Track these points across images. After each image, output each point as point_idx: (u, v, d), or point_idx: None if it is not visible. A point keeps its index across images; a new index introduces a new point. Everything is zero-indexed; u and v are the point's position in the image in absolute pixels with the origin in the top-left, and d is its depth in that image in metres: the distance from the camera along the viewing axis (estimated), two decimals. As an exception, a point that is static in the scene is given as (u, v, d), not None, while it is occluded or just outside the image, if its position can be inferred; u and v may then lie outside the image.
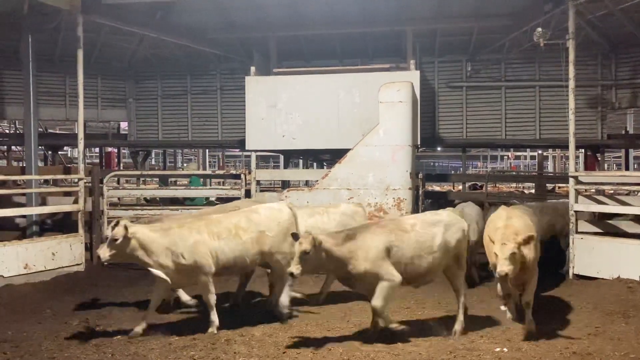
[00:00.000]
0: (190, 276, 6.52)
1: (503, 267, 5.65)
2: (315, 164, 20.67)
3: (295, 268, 5.68)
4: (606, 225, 9.98)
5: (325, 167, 18.31)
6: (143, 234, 6.31)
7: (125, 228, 6.15)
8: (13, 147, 19.69)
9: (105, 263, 6.35)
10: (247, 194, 11.21)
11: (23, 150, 15.06)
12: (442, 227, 6.38)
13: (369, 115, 10.51)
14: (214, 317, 6.52)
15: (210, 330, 6.44)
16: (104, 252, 6.13)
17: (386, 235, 6.06)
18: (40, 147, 15.80)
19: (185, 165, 20.82)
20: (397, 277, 5.96)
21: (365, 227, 6.37)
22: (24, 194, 11.51)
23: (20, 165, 17.56)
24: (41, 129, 18.03)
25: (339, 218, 8.18)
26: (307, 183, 17.00)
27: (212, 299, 6.56)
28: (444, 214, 6.72)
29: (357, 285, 6.12)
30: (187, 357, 5.72)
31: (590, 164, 15.91)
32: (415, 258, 6.15)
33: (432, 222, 6.45)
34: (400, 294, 7.35)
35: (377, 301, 5.92)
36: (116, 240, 6.13)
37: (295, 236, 5.94)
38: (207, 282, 6.53)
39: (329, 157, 16.90)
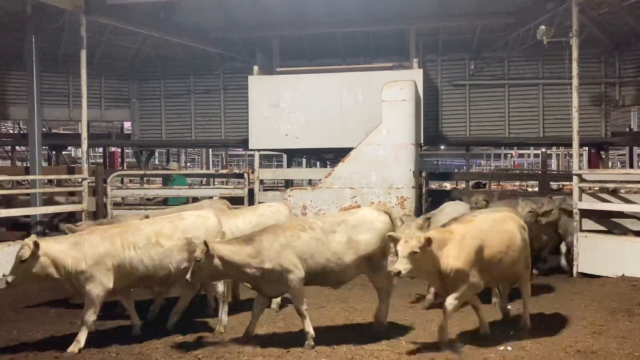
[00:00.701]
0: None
1: (397, 264, 5.35)
2: (318, 163, 20.69)
3: (189, 276, 5.68)
4: (610, 223, 9.95)
5: (328, 166, 18.31)
6: (52, 249, 5.86)
7: (36, 245, 5.71)
8: (17, 147, 19.76)
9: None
10: (251, 193, 11.22)
11: (27, 150, 15.14)
12: (345, 227, 6.18)
13: (372, 114, 10.50)
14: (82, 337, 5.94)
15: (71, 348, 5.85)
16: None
17: (281, 235, 5.96)
18: (44, 147, 15.83)
19: (167, 164, 20.76)
20: (299, 272, 5.91)
21: (265, 229, 6.20)
22: (28, 194, 11.55)
23: (24, 165, 17.64)
24: (45, 129, 18.07)
25: (255, 220, 7.58)
26: (310, 182, 16.99)
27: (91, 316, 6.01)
28: (360, 213, 6.52)
29: (264, 287, 6.00)
30: (191, 356, 5.74)
31: (594, 162, 15.88)
32: (316, 257, 5.98)
33: (337, 222, 6.26)
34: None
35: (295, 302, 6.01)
36: (24, 261, 5.69)
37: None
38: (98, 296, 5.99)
39: (332, 156, 16.92)
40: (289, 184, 16.12)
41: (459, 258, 5.60)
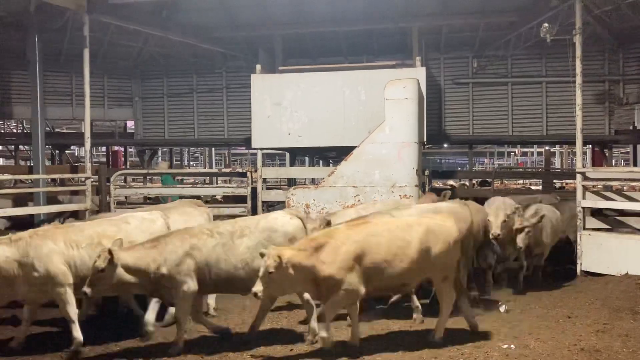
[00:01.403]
0: (44, 289, 5.87)
1: (255, 286, 5.18)
2: (321, 162, 20.66)
3: (86, 289, 5.42)
4: (614, 222, 9.92)
5: (331, 164, 18.29)
6: None
7: None
8: (20, 147, 19.80)
9: None
10: (254, 192, 11.22)
11: (30, 149, 15.15)
12: (255, 231, 5.99)
13: (374, 112, 10.47)
14: (76, 332, 5.84)
15: (73, 348, 5.80)
16: None
17: (188, 241, 5.77)
18: (47, 146, 15.86)
19: (157, 164, 20.76)
20: (192, 284, 5.70)
21: (172, 232, 6.06)
22: (31, 193, 11.58)
23: (28, 164, 17.67)
24: (48, 128, 18.11)
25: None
26: (313, 181, 16.98)
27: (72, 311, 5.88)
28: (271, 216, 6.36)
29: (165, 294, 5.81)
30: (194, 354, 5.75)
31: (598, 160, 15.83)
32: (221, 263, 5.80)
33: (247, 226, 6.08)
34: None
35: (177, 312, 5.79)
36: None
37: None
38: (63, 293, 5.86)
39: (335, 155, 16.89)
40: (291, 182, 16.12)
41: (333, 264, 5.33)
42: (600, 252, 9.20)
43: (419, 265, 5.67)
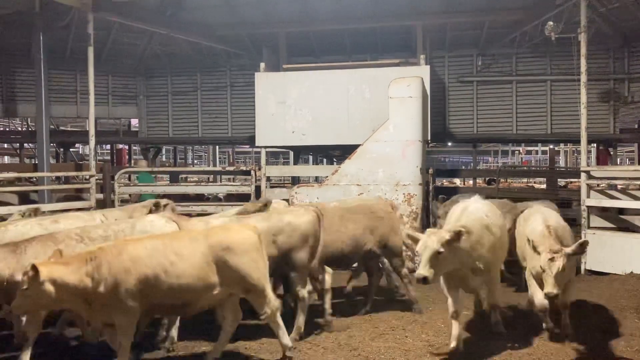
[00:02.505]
0: None
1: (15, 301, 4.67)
2: (325, 160, 20.67)
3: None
4: (618, 221, 9.89)
5: (335, 163, 18.30)
6: None
7: None
8: (25, 145, 19.87)
9: None
10: (257, 190, 11.22)
11: (35, 147, 15.20)
12: (130, 235, 5.56)
13: (378, 110, 10.47)
14: None
15: None
16: None
17: (51, 248, 5.09)
18: (51, 144, 15.92)
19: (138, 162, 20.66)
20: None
21: (35, 238, 5.44)
22: (36, 191, 11.62)
23: (33, 162, 17.74)
24: (53, 127, 18.16)
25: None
26: (317, 179, 16.98)
27: None
28: (147, 219, 5.96)
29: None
30: (197, 352, 5.76)
31: (603, 159, 15.79)
32: None
33: (121, 229, 5.68)
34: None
35: None
36: None
37: None
38: None
39: (339, 153, 16.88)
40: (295, 181, 16.12)
41: (105, 281, 4.68)
42: (605, 251, 9.18)
43: (204, 282, 4.94)
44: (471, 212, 5.96)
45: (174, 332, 5.87)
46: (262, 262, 5.21)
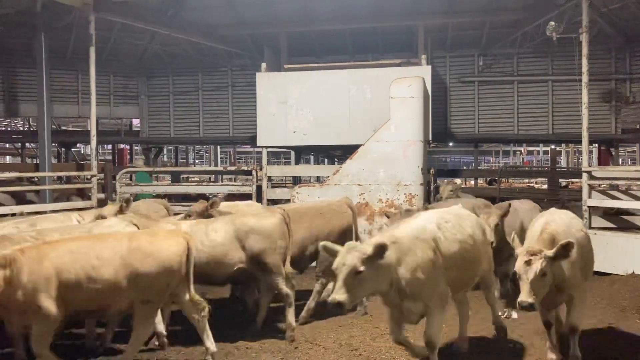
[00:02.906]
0: None
1: None
2: (326, 160, 20.67)
3: None
4: (620, 221, 9.87)
5: (336, 163, 18.31)
6: None
7: None
8: (27, 145, 19.89)
9: None
10: (259, 190, 11.23)
11: (37, 147, 15.22)
12: None
13: (380, 110, 10.46)
14: None
15: None
16: None
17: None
18: (53, 144, 15.94)
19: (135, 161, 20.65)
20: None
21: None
22: (38, 191, 11.63)
23: (34, 162, 17.75)
24: (54, 126, 18.19)
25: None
26: (318, 179, 16.99)
27: None
28: (107, 223, 5.88)
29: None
30: (200, 351, 5.76)
31: (604, 159, 15.77)
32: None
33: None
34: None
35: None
36: None
37: None
38: None
39: (340, 153, 16.89)
40: (297, 181, 16.13)
41: (24, 285, 4.48)
42: (606, 251, 9.15)
43: (118, 286, 4.79)
44: (414, 221, 5.06)
45: (161, 327, 5.83)
46: (179, 273, 5.02)
